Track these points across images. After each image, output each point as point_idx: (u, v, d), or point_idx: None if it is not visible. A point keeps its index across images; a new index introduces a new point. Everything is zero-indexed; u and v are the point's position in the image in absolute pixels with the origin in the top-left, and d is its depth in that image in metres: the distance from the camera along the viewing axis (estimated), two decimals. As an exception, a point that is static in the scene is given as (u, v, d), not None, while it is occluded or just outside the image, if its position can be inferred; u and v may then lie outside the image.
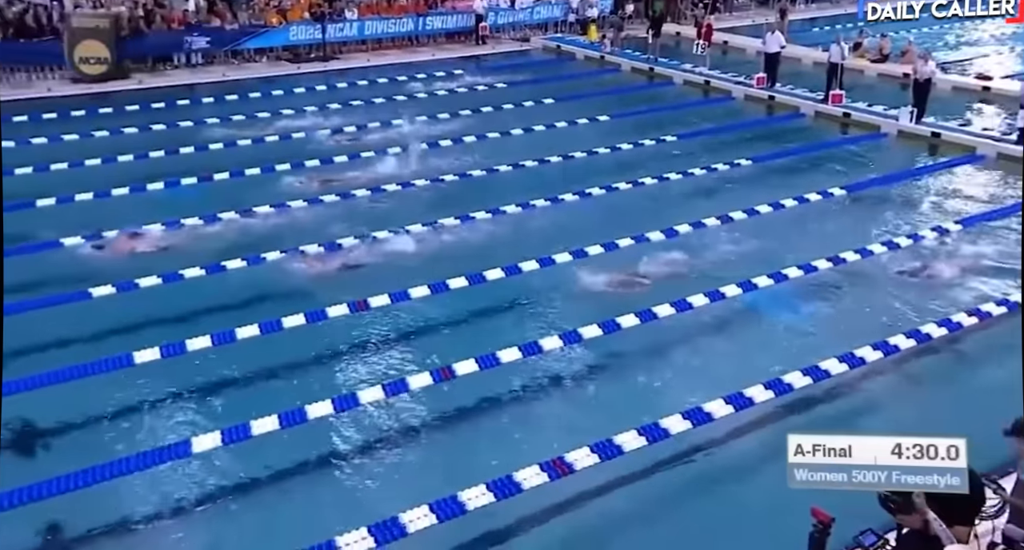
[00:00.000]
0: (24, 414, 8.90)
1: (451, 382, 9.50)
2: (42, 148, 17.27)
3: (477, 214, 14.14)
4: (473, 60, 26.83)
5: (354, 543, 7.01)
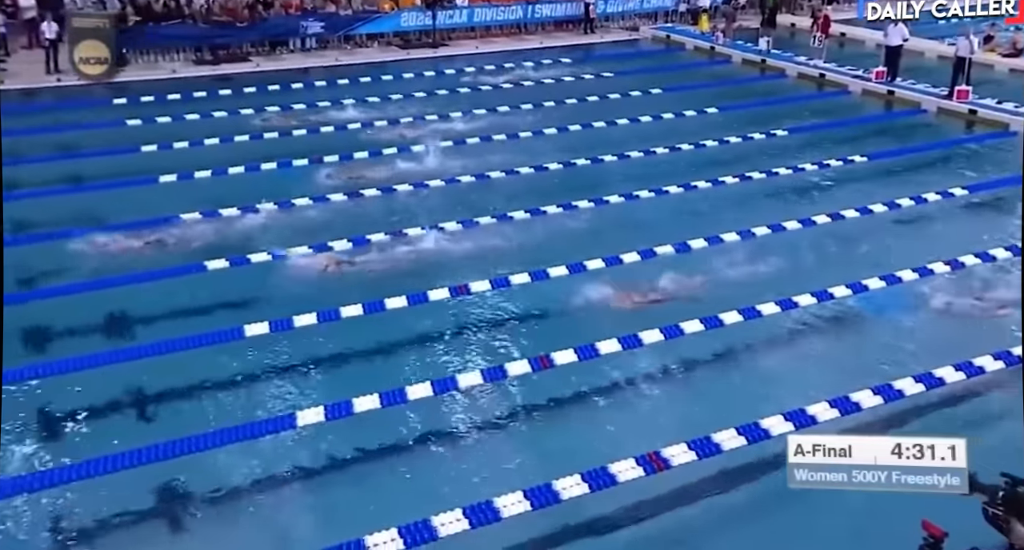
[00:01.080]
0: (141, 379, 9.35)
1: (549, 371, 9.49)
2: (166, 127, 18.05)
3: (580, 203, 14.07)
4: (581, 49, 26.67)
5: (448, 524, 7.10)
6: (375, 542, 6.89)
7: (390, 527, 7.01)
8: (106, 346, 10.06)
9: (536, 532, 7.34)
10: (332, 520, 7.57)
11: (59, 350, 10.00)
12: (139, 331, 10.47)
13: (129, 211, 13.68)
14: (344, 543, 6.88)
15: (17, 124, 18.65)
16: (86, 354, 9.72)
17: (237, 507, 7.73)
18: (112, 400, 9.12)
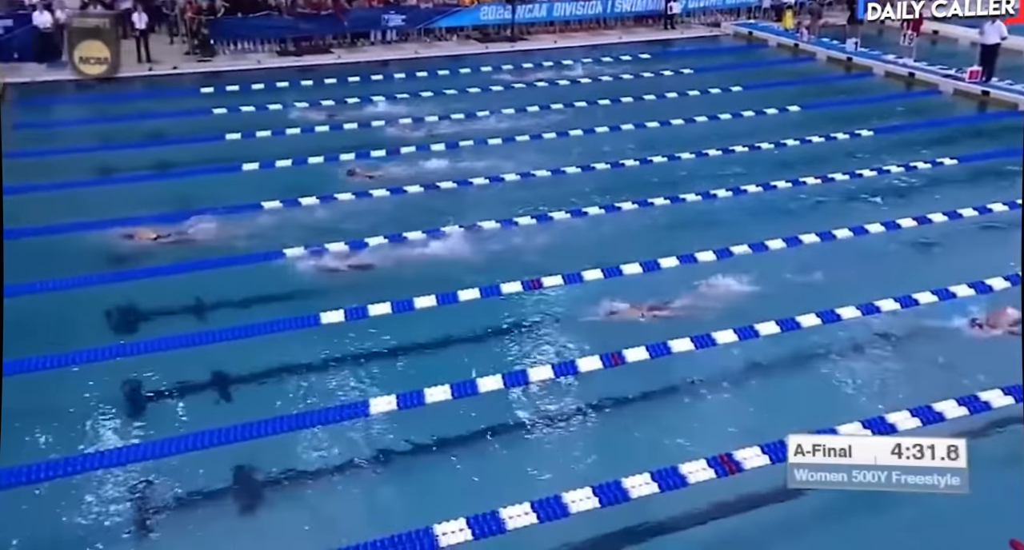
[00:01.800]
0: (221, 362, 9.60)
1: (620, 368, 9.44)
2: (250, 116, 18.49)
3: (656, 201, 13.94)
4: (660, 45, 26.39)
5: (517, 517, 7.11)
6: (443, 531, 6.95)
7: (459, 517, 7.06)
8: (188, 328, 10.36)
9: (604, 530, 7.31)
10: (401, 507, 7.68)
11: (144, 331, 10.34)
12: (219, 314, 10.75)
13: (212, 198, 14.07)
14: (413, 531, 6.95)
15: (112, 111, 19.46)
16: (169, 335, 10.03)
17: (308, 491, 7.87)
18: (193, 381, 9.39)
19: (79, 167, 15.48)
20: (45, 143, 16.84)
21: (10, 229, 12.52)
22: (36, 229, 12.59)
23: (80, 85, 21.34)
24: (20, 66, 21.30)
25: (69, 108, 20.02)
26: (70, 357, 9.56)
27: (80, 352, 9.61)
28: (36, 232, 12.50)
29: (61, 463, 7.90)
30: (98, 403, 8.97)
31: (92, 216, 13.17)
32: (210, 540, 7.29)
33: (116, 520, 7.48)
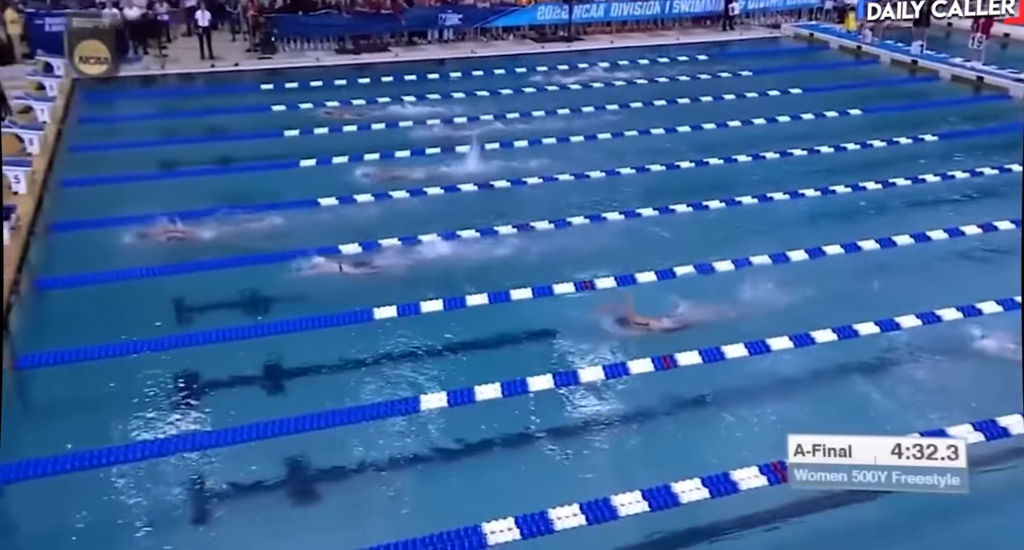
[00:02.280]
0: (274, 356, 9.73)
1: (672, 371, 9.34)
2: (308, 113, 18.73)
3: (711, 203, 13.77)
4: (718, 46, 26.11)
5: (565, 518, 7.08)
6: (492, 530, 6.95)
7: (507, 516, 7.05)
8: (242, 321, 10.51)
9: (653, 534, 7.25)
10: (450, 504, 7.69)
11: (199, 322, 10.52)
12: (274, 308, 10.89)
13: (270, 193, 14.30)
14: (461, 528, 6.96)
15: (174, 107, 19.89)
16: (223, 327, 10.19)
17: (357, 486, 7.93)
18: (246, 374, 9.52)
19: (141, 161, 15.83)
20: (109, 137, 17.26)
21: (73, 220, 13.03)
22: (97, 221, 12.93)
23: (145, 80, 21.94)
24: (88, 62, 21.83)
25: (133, 103, 20.50)
26: (129, 346, 9.77)
27: (138, 342, 9.83)
28: (97, 224, 12.84)
29: (121, 450, 8.08)
30: (154, 392, 9.15)
31: (152, 209, 13.46)
32: (260, 530, 7.38)
33: (170, 506, 7.64)
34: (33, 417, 9.06)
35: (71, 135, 17.13)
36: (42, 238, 12.50)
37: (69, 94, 19.39)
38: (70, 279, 11.37)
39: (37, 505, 7.65)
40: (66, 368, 9.42)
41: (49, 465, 7.76)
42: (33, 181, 13.64)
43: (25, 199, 13.04)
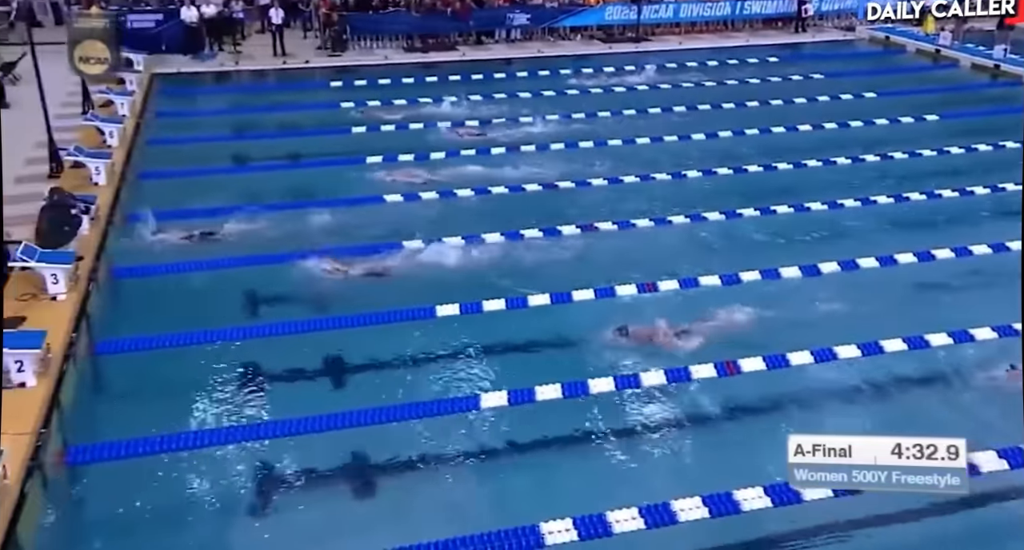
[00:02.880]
0: (337, 350, 9.86)
1: (736, 377, 9.21)
2: (375, 110, 18.96)
3: (779, 208, 13.54)
4: (790, 48, 25.65)
5: (624, 521, 7.05)
6: (550, 530, 6.95)
7: (565, 517, 7.04)
8: (307, 314, 10.68)
9: (712, 541, 7.16)
10: (508, 503, 7.72)
11: (266, 315, 10.72)
12: (337, 303, 11.03)
13: (338, 189, 14.52)
14: (519, 527, 6.97)
15: (247, 102, 20.34)
16: (294, 320, 10.38)
17: (415, 481, 7.98)
18: (309, 367, 9.66)
19: (214, 155, 16.22)
20: (184, 131, 17.73)
21: (144, 212, 13.39)
22: (172, 212, 13.28)
23: (219, 76, 22.47)
24: (167, 58, 22.50)
25: (208, 98, 21.03)
26: (199, 335, 10.02)
27: (208, 332, 10.07)
28: (171, 215, 13.18)
29: (188, 436, 8.30)
30: (222, 381, 9.35)
31: (224, 202, 13.80)
32: (318, 521, 7.47)
33: (231, 493, 7.79)
34: (107, 402, 9.38)
35: (149, 129, 17.64)
36: (119, 228, 12.90)
37: (148, 88, 19.99)
38: (145, 268, 11.72)
39: (110, 486, 7.90)
40: (140, 355, 9.71)
41: (121, 448, 8.01)
42: (112, 173, 14.08)
43: (104, 190, 13.48)
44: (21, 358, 8.35)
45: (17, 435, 7.55)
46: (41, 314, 9.65)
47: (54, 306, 10.00)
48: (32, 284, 10.26)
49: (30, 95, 14.72)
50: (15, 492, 7.07)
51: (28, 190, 13.08)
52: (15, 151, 14.96)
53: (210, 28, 23.62)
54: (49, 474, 7.74)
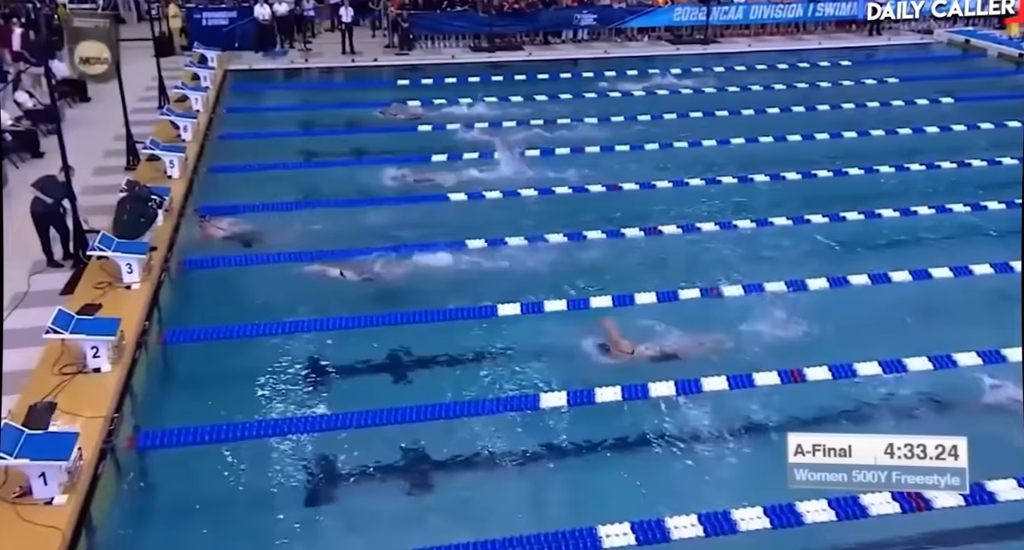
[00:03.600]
0: (404, 344, 9.94)
1: (800, 385, 9.03)
2: (442, 109, 19.09)
3: (849, 215, 13.24)
4: (863, 51, 25.09)
5: (682, 527, 6.97)
6: (608, 533, 6.91)
7: (623, 521, 6.99)
8: (370, 309, 10.76)
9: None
10: (564, 504, 7.70)
11: (331, 309, 10.86)
12: (399, 299, 11.12)
13: (402, 186, 14.65)
14: (576, 530, 6.94)
15: (315, 99, 20.68)
16: (358, 314, 10.49)
17: (471, 478, 8.01)
18: (371, 361, 9.74)
19: (283, 150, 16.51)
20: (255, 126, 18.09)
21: (219, 205, 13.71)
22: (241, 206, 13.57)
23: (289, 73, 22.90)
24: (240, 54, 23.02)
25: (278, 94, 21.45)
26: (264, 327, 10.20)
27: (273, 324, 10.25)
28: (240, 209, 13.47)
29: (253, 425, 8.45)
30: (285, 373, 9.51)
31: (291, 197, 14.06)
32: (374, 515, 7.53)
33: (288, 483, 7.92)
34: (175, 389, 9.61)
35: (220, 123, 18.06)
36: (192, 220, 13.22)
37: (220, 84, 20.46)
38: (214, 260, 11.99)
39: (174, 470, 8.11)
40: (208, 344, 9.93)
41: (187, 435, 8.20)
42: (185, 166, 14.44)
43: (178, 183, 13.83)
44: (97, 344, 8.62)
45: (92, 418, 7.79)
46: (116, 302, 9.93)
47: (128, 295, 10.29)
48: (108, 273, 10.59)
49: (110, 89, 15.19)
50: (89, 473, 7.29)
51: (106, 181, 13.54)
52: (95, 143, 15.56)
53: (281, 26, 24.10)
54: (120, 457, 7.97)
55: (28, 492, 6.82)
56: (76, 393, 8.23)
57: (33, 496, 6.80)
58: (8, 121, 15.41)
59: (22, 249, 11.29)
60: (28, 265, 11.11)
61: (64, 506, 6.79)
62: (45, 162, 13.81)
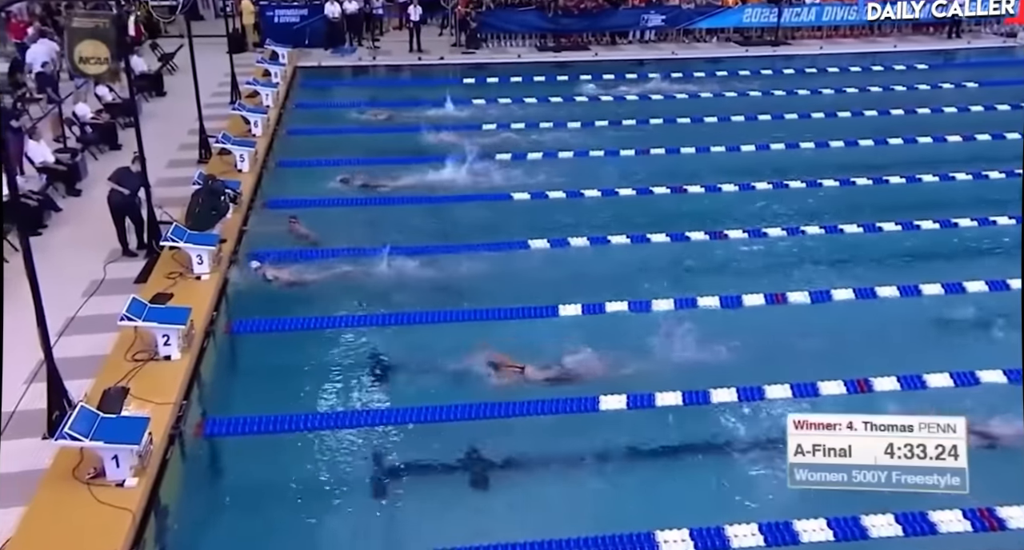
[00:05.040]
0: (466, 342, 9.90)
1: (868, 395, 8.83)
2: (505, 108, 19.13)
3: (923, 223, 12.89)
4: (941, 55, 24.38)
5: (743, 536, 6.88)
6: (665, 539, 6.85)
7: (681, 527, 6.92)
8: (435, 305, 10.85)
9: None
10: (622, 508, 7.63)
11: (396, 304, 10.97)
12: (467, 296, 11.17)
13: (467, 185, 14.69)
14: (634, 534, 6.89)
15: (382, 96, 20.91)
16: (420, 311, 10.59)
17: (529, 478, 8.05)
18: (437, 356, 9.74)
19: (349, 146, 16.72)
20: (322, 122, 18.36)
21: (286, 199, 13.96)
22: (307, 201, 13.80)
23: (357, 70, 23.19)
24: (310, 52, 23.40)
25: (346, 91, 21.74)
26: (328, 320, 10.36)
27: (336, 318, 10.41)
28: (307, 203, 13.70)
29: (317, 417, 8.60)
30: (350, 366, 9.64)
31: (355, 193, 14.24)
32: (435, 511, 7.60)
33: (347, 474, 8.04)
34: (241, 379, 9.82)
35: (289, 119, 18.38)
36: (259, 213, 13.49)
37: (290, 81, 20.83)
38: (280, 254, 12.19)
39: (239, 458, 8.29)
40: (274, 336, 10.12)
41: (253, 424, 8.38)
42: (255, 160, 14.74)
43: (247, 177, 14.12)
44: (168, 333, 8.85)
45: (162, 404, 8.00)
46: (186, 292, 10.19)
47: (198, 285, 10.55)
48: (179, 263, 10.87)
49: (185, 84, 15.58)
50: (159, 457, 7.49)
51: (179, 174, 13.89)
52: (170, 136, 15.98)
53: (351, 23, 24.43)
54: (188, 443, 8.17)
55: (101, 473, 7.04)
56: (147, 379, 8.47)
57: (106, 477, 7.02)
58: (89, 114, 15.94)
59: (100, 238, 11.70)
60: (105, 254, 11.49)
61: (135, 488, 6.99)
62: (123, 154, 14.23)
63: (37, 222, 12.15)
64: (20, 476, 7.29)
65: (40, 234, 11.96)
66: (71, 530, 6.60)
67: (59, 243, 11.92)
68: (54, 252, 11.28)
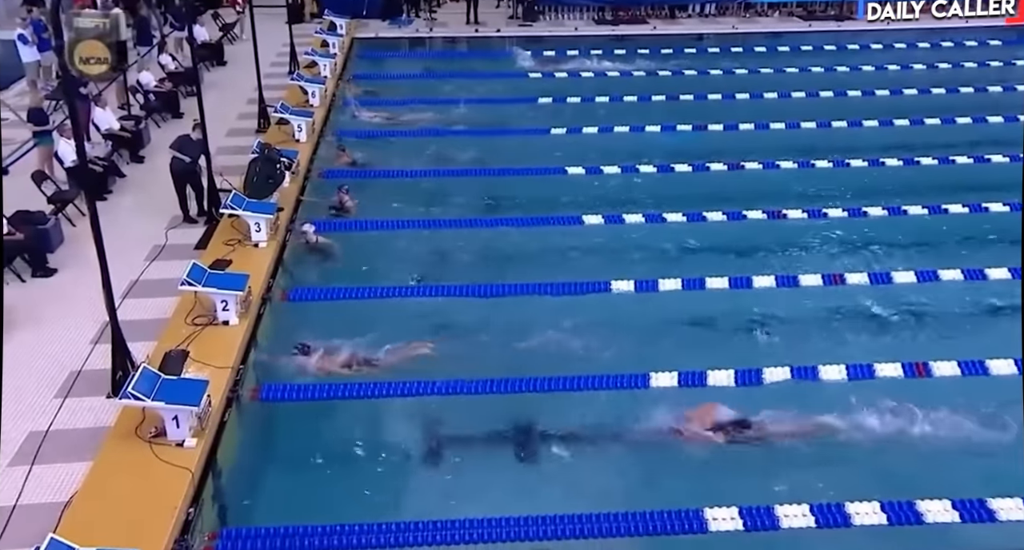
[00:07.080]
0: (518, 315, 10.01)
1: (923, 380, 8.66)
2: (562, 82, 18.96)
3: (992, 206, 12.47)
4: (1015, 30, 23.46)
5: (792, 516, 6.83)
6: (715, 516, 6.83)
7: (731, 505, 6.89)
8: (485, 279, 10.87)
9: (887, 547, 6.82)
10: (672, 485, 7.62)
11: (448, 275, 11.03)
12: (518, 270, 11.18)
13: (521, 158, 14.65)
14: (683, 510, 6.88)
15: (437, 68, 20.90)
16: (471, 283, 10.63)
17: (578, 452, 8.05)
18: (488, 331, 9.82)
19: (404, 118, 16.77)
20: (379, 93, 18.41)
21: (342, 169, 14.07)
22: (362, 171, 13.91)
23: (414, 42, 23.17)
24: (367, 23, 23.44)
25: (402, 62, 21.76)
26: (381, 290, 10.46)
27: (389, 288, 10.50)
28: (362, 174, 13.81)
29: (369, 385, 8.72)
30: (402, 336, 9.65)
31: (410, 164, 14.30)
32: (480, 477, 7.71)
33: (400, 443, 8.19)
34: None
35: (348, 91, 18.45)
36: (315, 183, 13.64)
37: (348, 52, 20.91)
38: (336, 224, 12.32)
39: (294, 422, 8.46)
40: (328, 304, 10.26)
41: (308, 390, 8.54)
42: (312, 131, 14.87)
43: (304, 147, 14.25)
44: (226, 298, 9.02)
45: (220, 368, 8.19)
46: (244, 259, 10.36)
47: (255, 253, 10.72)
48: (238, 230, 11.05)
49: (245, 54, 15.77)
50: (217, 419, 7.68)
51: (238, 142, 14.10)
52: (230, 106, 16.20)
53: (408, -5, 24.37)
54: (245, 407, 8.36)
55: (162, 433, 7.24)
56: (206, 343, 8.66)
57: (167, 437, 7.22)
58: (152, 82, 16.23)
59: (162, 205, 11.97)
60: (166, 220, 11.75)
61: (194, 449, 7.17)
62: (184, 122, 14.47)
63: (103, 187, 12.47)
64: (86, 432, 7.56)
65: (105, 199, 12.28)
66: (133, 487, 6.81)
67: (123, 208, 12.22)
68: (118, 217, 11.56)
